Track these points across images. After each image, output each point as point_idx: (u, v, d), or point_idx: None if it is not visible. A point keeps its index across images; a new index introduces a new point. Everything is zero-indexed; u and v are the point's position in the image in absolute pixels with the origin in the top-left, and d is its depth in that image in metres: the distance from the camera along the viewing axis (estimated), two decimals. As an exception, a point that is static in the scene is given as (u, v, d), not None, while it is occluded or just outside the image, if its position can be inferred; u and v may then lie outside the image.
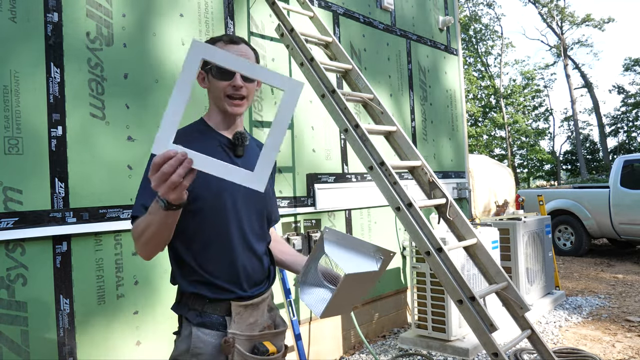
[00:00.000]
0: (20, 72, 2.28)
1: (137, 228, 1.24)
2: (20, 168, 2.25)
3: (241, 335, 1.35)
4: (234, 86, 1.37)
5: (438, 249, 2.25)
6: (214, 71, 1.37)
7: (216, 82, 1.39)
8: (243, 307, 1.38)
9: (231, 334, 1.34)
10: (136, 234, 1.25)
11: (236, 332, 1.35)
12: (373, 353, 3.42)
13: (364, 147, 2.54)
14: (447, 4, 5.52)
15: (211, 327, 1.34)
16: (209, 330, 1.34)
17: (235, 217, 1.39)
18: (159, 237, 1.22)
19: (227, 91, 1.38)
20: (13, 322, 2.19)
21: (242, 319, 1.38)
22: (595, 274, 6.64)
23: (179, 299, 1.42)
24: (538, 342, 2.29)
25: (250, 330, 1.40)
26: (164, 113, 1.05)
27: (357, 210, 4.04)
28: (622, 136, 29.45)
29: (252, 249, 1.43)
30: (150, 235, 1.20)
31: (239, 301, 1.38)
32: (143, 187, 1.33)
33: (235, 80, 1.36)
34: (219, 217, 1.36)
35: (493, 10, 39.08)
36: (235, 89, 1.37)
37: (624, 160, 7.58)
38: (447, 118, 5.35)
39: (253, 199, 1.43)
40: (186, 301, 1.39)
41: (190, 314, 1.36)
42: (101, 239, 2.49)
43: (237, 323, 1.36)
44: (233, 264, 1.38)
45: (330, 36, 3.22)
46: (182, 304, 1.40)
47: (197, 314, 1.36)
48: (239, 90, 1.38)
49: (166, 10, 2.87)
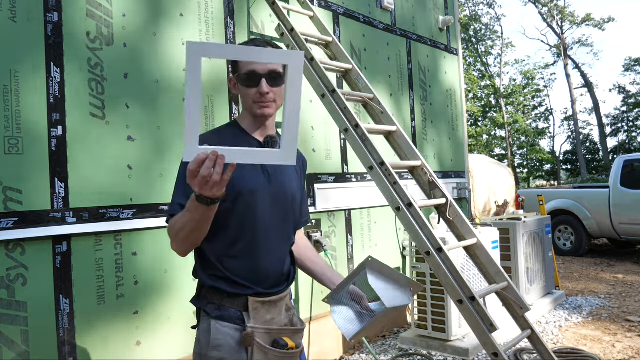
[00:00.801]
0: (20, 72, 2.28)
1: (174, 226, 1.30)
2: (20, 168, 2.25)
3: (260, 328, 1.38)
4: (260, 93, 1.39)
5: (438, 249, 2.25)
6: (241, 78, 1.40)
7: (244, 89, 1.41)
8: (260, 303, 1.40)
9: (250, 327, 1.36)
10: (174, 232, 1.31)
11: (255, 326, 1.37)
12: (373, 353, 3.42)
13: (364, 147, 2.53)
14: (447, 4, 5.52)
15: (229, 321, 1.37)
16: (227, 324, 1.36)
17: (262, 216, 1.41)
18: (199, 232, 1.29)
19: (255, 98, 1.40)
20: (13, 322, 2.19)
21: (258, 314, 1.39)
22: (595, 274, 6.64)
23: (199, 292, 1.45)
24: (538, 342, 2.29)
25: (269, 325, 1.42)
26: (184, 119, 1.05)
27: (357, 210, 4.04)
28: (622, 136, 29.46)
29: (274, 250, 1.45)
30: (190, 230, 1.26)
31: (257, 297, 1.40)
32: (178, 187, 1.38)
33: (261, 87, 1.38)
34: (246, 216, 1.38)
35: (493, 10, 39.06)
36: (262, 95, 1.39)
37: (624, 160, 7.57)
38: (447, 118, 5.35)
39: (280, 198, 1.46)
40: (205, 294, 1.41)
41: (209, 307, 1.39)
42: (101, 239, 2.49)
43: (254, 318, 1.38)
44: (254, 263, 1.40)
45: (330, 36, 3.22)
46: (202, 297, 1.42)
47: (215, 307, 1.38)
48: (266, 96, 1.40)
49: (166, 10, 2.87)
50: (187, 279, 2.77)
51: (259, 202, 1.40)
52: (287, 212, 1.50)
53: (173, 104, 2.84)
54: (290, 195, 1.51)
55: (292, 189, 1.51)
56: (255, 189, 1.39)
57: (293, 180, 1.54)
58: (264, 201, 1.41)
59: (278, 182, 1.46)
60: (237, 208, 1.37)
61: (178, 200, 1.35)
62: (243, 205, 1.38)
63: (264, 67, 1.39)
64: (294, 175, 1.55)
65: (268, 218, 1.43)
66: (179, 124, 2.84)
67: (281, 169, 1.49)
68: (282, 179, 1.49)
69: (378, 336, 4.11)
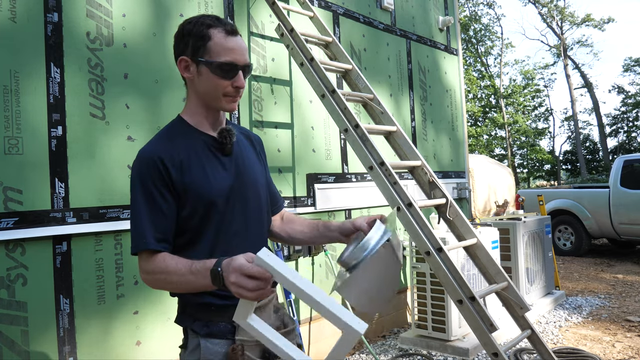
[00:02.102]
0: (20, 72, 2.28)
1: (161, 275, 1.18)
2: (20, 168, 2.25)
3: (250, 341, 1.26)
4: (236, 86, 1.27)
5: (438, 249, 2.25)
6: (214, 67, 1.24)
7: (214, 79, 1.25)
8: None
9: (239, 340, 1.25)
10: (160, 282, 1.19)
11: (244, 339, 1.26)
12: (373, 353, 3.42)
13: (364, 147, 2.54)
14: (447, 4, 5.52)
15: (220, 337, 1.26)
16: (218, 340, 1.25)
17: (238, 220, 1.32)
18: (186, 290, 1.20)
19: (229, 91, 1.27)
20: (13, 322, 2.19)
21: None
22: (595, 274, 6.64)
23: (182, 310, 1.34)
24: (538, 342, 2.29)
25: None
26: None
27: (357, 210, 4.04)
28: (622, 136, 29.45)
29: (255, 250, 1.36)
30: (178, 288, 1.19)
31: None
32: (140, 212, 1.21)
33: (239, 81, 1.26)
34: (222, 222, 1.29)
35: (493, 10, 39.06)
36: (237, 89, 1.27)
37: (624, 160, 7.57)
38: (447, 118, 5.35)
39: (253, 194, 1.36)
40: (190, 312, 1.30)
41: (196, 324, 1.28)
42: (101, 239, 2.49)
43: (242, 330, 1.26)
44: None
45: (330, 36, 3.22)
46: (186, 314, 1.31)
47: (203, 324, 1.27)
48: (240, 91, 1.29)
49: (166, 10, 2.87)
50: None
51: (233, 205, 1.30)
52: (262, 207, 1.40)
53: (173, 104, 2.84)
54: (262, 187, 1.41)
55: (261, 181, 1.42)
56: (227, 193, 1.28)
57: (258, 171, 1.42)
58: (238, 203, 1.31)
59: (247, 177, 1.36)
60: (211, 215, 1.26)
61: (147, 231, 1.19)
62: (217, 212, 1.27)
63: (242, 58, 1.26)
64: (257, 164, 1.44)
65: (245, 220, 1.33)
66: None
67: (245, 162, 1.37)
68: (250, 172, 1.38)
69: (378, 336, 4.11)
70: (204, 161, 1.29)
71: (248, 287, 1.00)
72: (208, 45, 1.24)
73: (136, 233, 1.21)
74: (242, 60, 1.26)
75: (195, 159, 1.28)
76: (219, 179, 1.29)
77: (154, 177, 1.22)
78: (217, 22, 1.27)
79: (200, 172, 1.27)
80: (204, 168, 1.28)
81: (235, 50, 1.25)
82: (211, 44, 1.24)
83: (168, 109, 2.81)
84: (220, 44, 1.24)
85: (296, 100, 3.62)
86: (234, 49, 1.25)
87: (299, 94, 3.64)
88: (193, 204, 1.25)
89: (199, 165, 1.27)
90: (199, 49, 1.25)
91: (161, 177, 1.22)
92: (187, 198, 1.25)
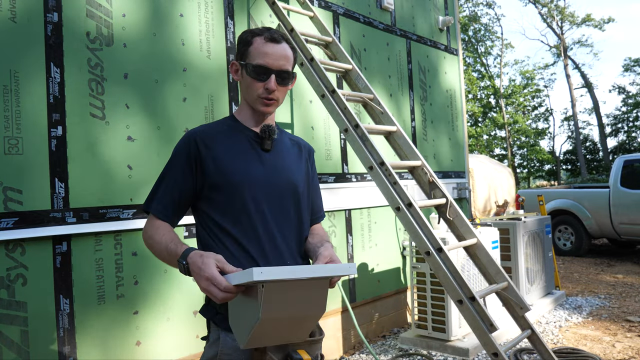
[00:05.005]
0: (20, 72, 2.28)
1: (149, 239, 1.35)
2: (20, 168, 2.25)
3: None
4: (267, 88, 1.35)
5: (438, 249, 2.25)
6: (250, 69, 1.35)
7: (250, 81, 1.36)
8: None
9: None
10: (148, 245, 1.37)
11: None
12: (373, 353, 3.42)
13: (364, 147, 2.54)
14: (447, 4, 5.52)
15: None
16: None
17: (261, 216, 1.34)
18: (165, 262, 1.34)
19: (261, 93, 1.36)
20: (13, 322, 2.19)
21: None
22: (595, 274, 6.64)
23: (207, 301, 1.36)
24: (538, 342, 2.29)
25: None
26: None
27: (357, 210, 4.04)
28: (622, 136, 29.43)
29: (280, 250, 1.36)
30: (159, 257, 1.35)
31: None
32: (163, 181, 1.38)
33: (270, 83, 1.34)
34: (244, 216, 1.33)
35: (493, 10, 39.06)
36: (269, 91, 1.35)
37: (624, 160, 7.57)
38: (447, 118, 5.35)
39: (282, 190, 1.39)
40: (214, 304, 1.31)
41: (218, 317, 1.30)
42: (101, 239, 2.49)
43: None
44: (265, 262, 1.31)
45: (330, 36, 3.22)
46: (210, 306, 1.33)
47: (224, 318, 1.27)
48: (273, 93, 1.36)
49: (166, 10, 2.87)
50: (187, 279, 2.77)
51: (263, 196, 1.34)
52: (291, 207, 1.41)
53: (173, 104, 2.84)
54: (298, 190, 1.42)
55: (300, 184, 1.44)
56: (257, 182, 1.34)
57: (298, 174, 1.45)
58: (269, 196, 1.36)
59: (282, 175, 1.40)
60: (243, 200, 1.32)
61: (158, 199, 1.37)
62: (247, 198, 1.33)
63: (276, 63, 1.35)
64: (299, 169, 1.47)
65: (274, 217, 1.36)
66: (179, 124, 2.84)
67: (284, 162, 1.43)
68: (287, 171, 1.42)
69: (378, 336, 4.11)
70: (239, 149, 1.38)
71: (218, 297, 1.11)
72: (249, 50, 1.37)
73: (150, 195, 1.40)
74: (275, 64, 1.35)
75: (231, 143, 1.38)
76: (252, 167, 1.37)
77: (184, 153, 1.36)
78: (263, 31, 1.39)
79: (232, 155, 1.36)
80: (238, 154, 1.37)
81: (269, 54, 1.35)
82: (251, 49, 1.37)
83: (168, 109, 2.81)
84: (257, 48, 1.36)
85: (296, 100, 3.62)
86: (268, 54, 1.35)
87: (298, 94, 3.64)
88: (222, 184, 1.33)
89: (233, 150, 1.37)
90: (243, 53, 1.39)
91: (188, 152, 1.35)
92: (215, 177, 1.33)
